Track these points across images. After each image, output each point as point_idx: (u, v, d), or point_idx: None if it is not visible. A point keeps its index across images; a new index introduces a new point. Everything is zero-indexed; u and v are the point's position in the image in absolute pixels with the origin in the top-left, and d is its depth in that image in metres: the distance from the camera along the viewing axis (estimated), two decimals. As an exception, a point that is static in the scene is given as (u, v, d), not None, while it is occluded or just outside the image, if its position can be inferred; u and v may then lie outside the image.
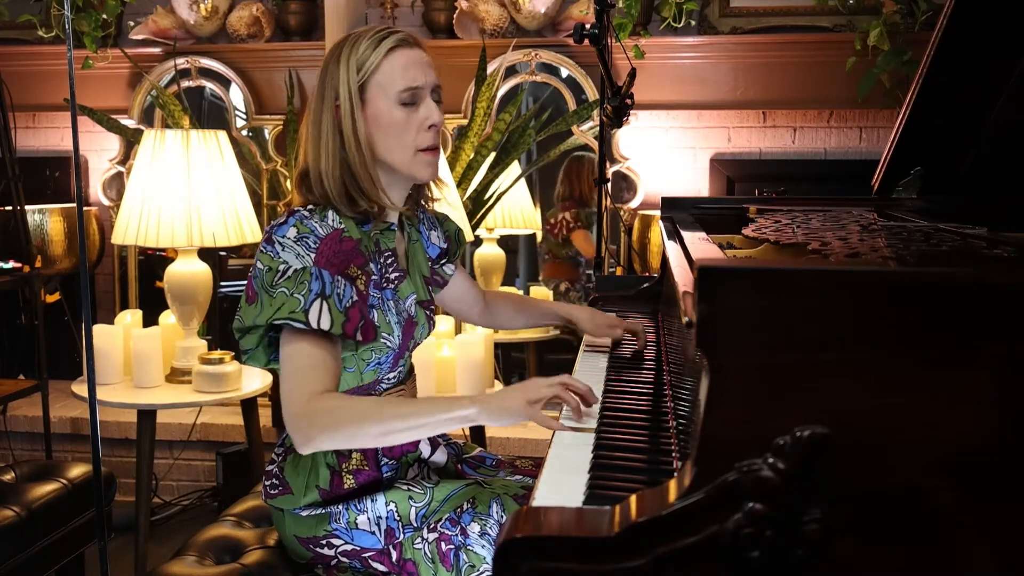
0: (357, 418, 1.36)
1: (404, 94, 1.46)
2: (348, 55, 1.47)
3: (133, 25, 3.49)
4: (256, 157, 3.45)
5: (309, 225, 1.43)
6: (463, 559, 1.41)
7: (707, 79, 3.20)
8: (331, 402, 1.37)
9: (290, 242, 1.42)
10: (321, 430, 1.35)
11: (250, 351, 1.47)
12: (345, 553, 1.50)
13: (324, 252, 1.42)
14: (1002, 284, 0.85)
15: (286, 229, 1.43)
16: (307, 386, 1.37)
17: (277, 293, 1.38)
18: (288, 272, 1.39)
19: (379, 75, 1.46)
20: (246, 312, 1.42)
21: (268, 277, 1.40)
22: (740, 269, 0.89)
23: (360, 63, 1.46)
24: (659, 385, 1.60)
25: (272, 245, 1.42)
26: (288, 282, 1.39)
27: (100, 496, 1.99)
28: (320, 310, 1.38)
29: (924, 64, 1.86)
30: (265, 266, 1.41)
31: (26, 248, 3.08)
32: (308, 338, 1.39)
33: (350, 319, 1.41)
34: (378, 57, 1.46)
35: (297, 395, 1.37)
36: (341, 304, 1.41)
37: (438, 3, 3.34)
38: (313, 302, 1.38)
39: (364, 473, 1.52)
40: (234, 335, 1.47)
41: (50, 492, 2.08)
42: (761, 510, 0.81)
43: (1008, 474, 0.85)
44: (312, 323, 1.37)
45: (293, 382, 1.38)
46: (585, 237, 3.62)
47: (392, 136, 1.48)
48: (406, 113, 1.47)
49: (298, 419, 1.36)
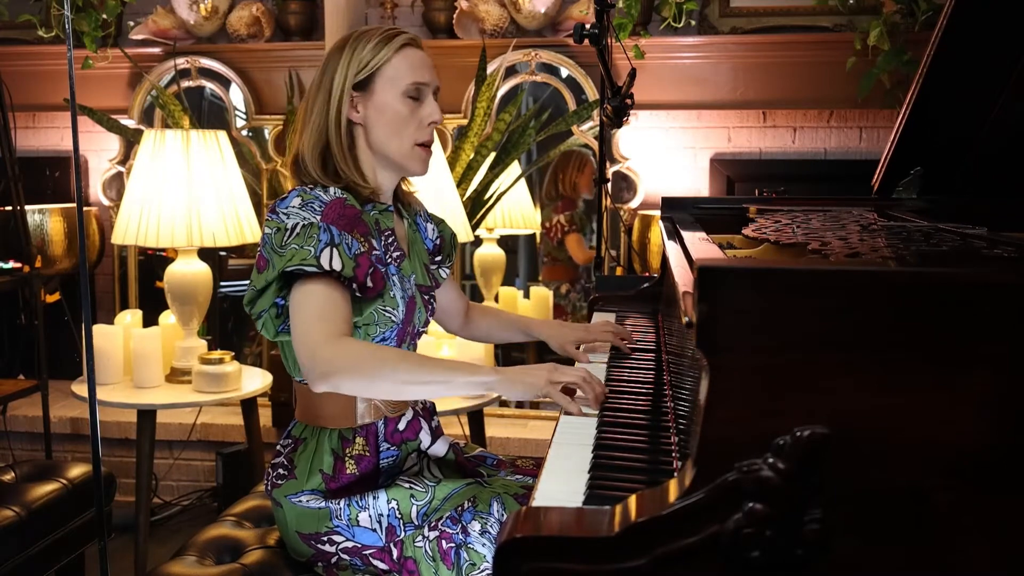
0: (379, 362, 1.39)
1: (412, 88, 1.54)
2: (353, 49, 1.54)
3: (133, 25, 3.49)
4: (256, 157, 3.45)
5: (313, 194, 1.50)
6: (464, 557, 1.41)
7: (707, 79, 3.20)
8: (354, 344, 1.41)
9: (295, 209, 1.47)
10: (342, 366, 1.37)
11: (263, 316, 1.48)
12: (346, 550, 1.50)
13: (330, 214, 1.47)
14: (1002, 284, 0.85)
15: (289, 201, 1.49)
16: (325, 327, 1.39)
17: (288, 249, 1.42)
18: (296, 229, 1.44)
19: (389, 68, 1.54)
20: (257, 278, 1.45)
21: (277, 238, 1.44)
22: (740, 269, 0.89)
23: (369, 57, 1.53)
24: (659, 385, 1.60)
25: (277, 215, 1.48)
26: (297, 238, 1.43)
27: (100, 496, 1.99)
28: (331, 255, 1.42)
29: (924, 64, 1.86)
30: (273, 230, 1.45)
31: (26, 248, 3.08)
32: (321, 282, 1.42)
33: (359, 264, 1.46)
34: (390, 52, 1.53)
35: (316, 334, 1.39)
36: (350, 252, 1.45)
37: (438, 3, 3.34)
38: (323, 249, 1.42)
39: (365, 460, 1.54)
40: (245, 308, 1.50)
41: (50, 492, 2.08)
42: (761, 510, 0.81)
43: (1008, 474, 0.85)
44: (324, 265, 1.41)
45: (309, 323, 1.40)
46: (578, 242, 3.61)
47: (394, 127, 1.55)
48: (411, 107, 1.55)
49: (317, 357, 1.37)
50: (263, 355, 3.51)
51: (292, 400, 1.63)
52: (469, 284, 3.59)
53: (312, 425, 1.58)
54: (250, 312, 1.49)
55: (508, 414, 3.31)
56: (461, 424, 2.98)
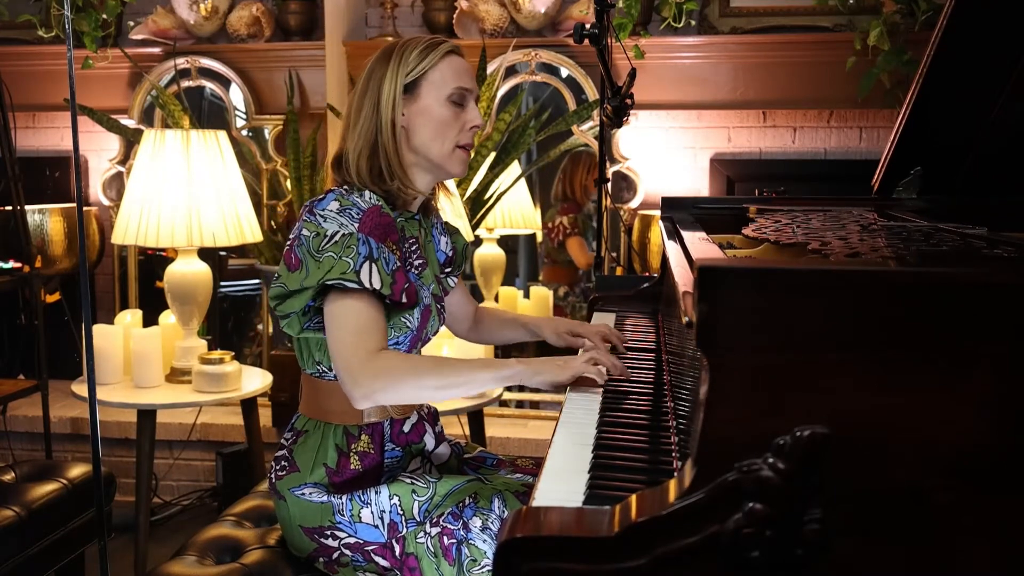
0: (418, 373, 1.46)
1: (456, 94, 1.59)
2: (400, 56, 1.58)
3: (133, 25, 3.49)
4: (256, 157, 3.45)
5: (350, 199, 1.53)
6: (465, 553, 1.42)
7: (707, 79, 3.20)
8: (392, 358, 1.47)
9: (332, 213, 1.50)
10: (384, 383, 1.44)
11: (291, 316, 1.51)
12: (348, 546, 1.51)
13: (367, 222, 1.50)
14: (1002, 284, 0.85)
15: (327, 203, 1.52)
16: (365, 343, 1.45)
17: (324, 257, 1.45)
18: (335, 237, 1.47)
19: (434, 73, 1.58)
20: (289, 278, 1.48)
21: (314, 243, 1.47)
22: (740, 269, 0.89)
23: (416, 62, 1.57)
24: (659, 385, 1.60)
25: (314, 216, 1.51)
26: (335, 246, 1.46)
27: (100, 496, 1.99)
28: (371, 271, 1.46)
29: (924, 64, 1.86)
30: (311, 232, 1.48)
31: (26, 248, 3.08)
32: (359, 298, 1.46)
33: (396, 281, 1.51)
34: (435, 58, 1.58)
35: (356, 352, 1.45)
36: (388, 267, 1.50)
37: (438, 3, 3.34)
38: (363, 264, 1.46)
39: (370, 457, 1.57)
40: (270, 303, 1.54)
41: (50, 492, 2.08)
42: (761, 510, 0.81)
43: (1008, 474, 0.85)
44: (364, 283, 1.45)
45: (349, 341, 1.45)
46: (579, 244, 3.60)
47: (437, 130, 1.58)
48: (454, 112, 1.59)
49: (359, 375, 1.44)
50: (263, 355, 3.51)
51: (297, 393, 1.64)
52: (469, 284, 3.59)
53: (317, 419, 1.59)
54: (276, 308, 1.52)
55: (508, 414, 3.31)
56: (461, 424, 2.97)
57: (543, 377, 1.51)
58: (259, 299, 3.57)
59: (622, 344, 1.83)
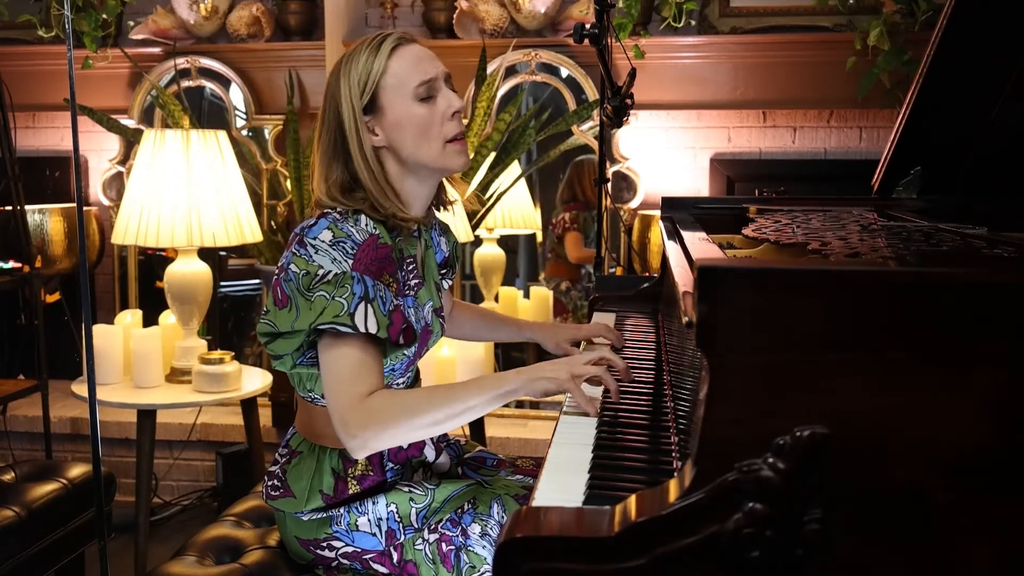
0: (409, 413, 1.34)
1: (420, 89, 1.45)
2: (347, 73, 1.45)
3: (133, 25, 3.49)
4: (256, 157, 3.45)
5: (345, 229, 1.40)
6: (464, 560, 1.41)
7: (707, 79, 3.20)
8: (381, 402, 1.35)
9: (325, 245, 1.38)
10: (376, 431, 1.33)
11: (283, 357, 1.42)
12: (346, 555, 1.50)
13: (362, 259, 1.39)
14: (1002, 284, 0.85)
15: (318, 231, 1.40)
16: (355, 391, 1.35)
17: (316, 297, 1.35)
18: (327, 276, 1.36)
19: (388, 78, 1.45)
20: (279, 317, 1.38)
21: (305, 281, 1.36)
22: (740, 269, 0.89)
23: (364, 74, 1.44)
24: (659, 385, 1.60)
25: (304, 248, 1.39)
26: (327, 286, 1.35)
27: (100, 496, 1.99)
28: (366, 313, 1.35)
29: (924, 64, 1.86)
30: (301, 270, 1.37)
31: (26, 248, 3.08)
32: (351, 342, 1.36)
33: (393, 323, 1.40)
34: (382, 62, 1.44)
35: (346, 401, 1.34)
36: (384, 308, 1.39)
37: (438, 3, 3.34)
38: (358, 306, 1.35)
39: (369, 478, 1.51)
40: (259, 339, 1.44)
41: (50, 492, 2.08)
42: (761, 510, 0.81)
43: (1008, 474, 0.85)
44: (359, 327, 1.34)
45: (340, 388, 1.35)
46: (575, 240, 3.60)
47: (419, 134, 1.46)
48: (427, 108, 1.46)
49: (350, 425, 1.34)
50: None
51: (293, 406, 1.61)
52: (469, 284, 3.59)
53: (312, 441, 1.53)
54: (266, 346, 1.43)
55: (508, 414, 3.31)
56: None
57: (540, 390, 1.38)
58: (259, 299, 3.57)
59: (622, 343, 1.83)
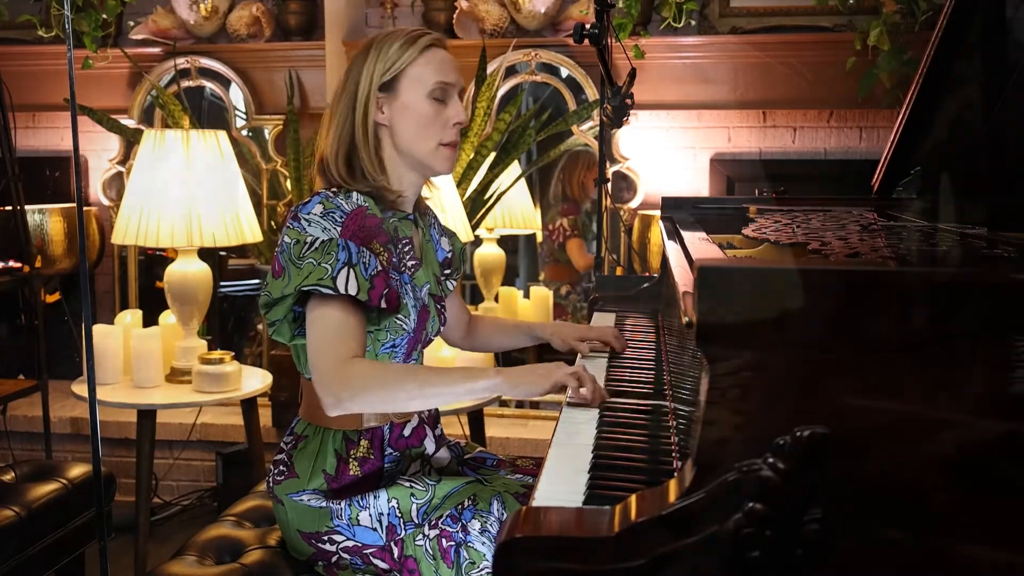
0: (388, 382, 1.41)
1: (437, 89, 1.54)
2: (378, 51, 1.54)
3: (133, 25, 3.49)
4: (256, 157, 3.45)
5: (335, 202, 1.49)
6: (464, 556, 1.42)
7: (707, 79, 3.20)
8: (362, 367, 1.42)
9: (316, 217, 1.47)
10: (353, 392, 1.40)
11: (277, 323, 1.50)
12: (346, 549, 1.51)
13: (350, 226, 1.47)
14: (1002, 284, 0.85)
15: (311, 206, 1.48)
16: (337, 350, 1.42)
17: (305, 264, 1.43)
18: (315, 244, 1.44)
19: (414, 69, 1.54)
20: (273, 285, 1.46)
21: (295, 250, 1.44)
22: (740, 269, 0.89)
23: (394, 58, 1.53)
24: (659, 385, 1.60)
25: (298, 221, 1.47)
26: (315, 253, 1.43)
27: (100, 496, 1.99)
28: (347, 277, 1.43)
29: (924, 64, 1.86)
30: (292, 239, 1.45)
31: (26, 248, 3.08)
32: (336, 304, 1.43)
33: (375, 287, 1.46)
34: (415, 53, 1.53)
35: (327, 359, 1.42)
36: (366, 272, 1.46)
37: (438, 3, 3.34)
38: (340, 270, 1.43)
39: (369, 462, 1.54)
40: (260, 311, 1.52)
41: (50, 492, 2.08)
42: (761, 510, 0.81)
43: (1008, 474, 0.84)
44: (340, 288, 1.41)
45: (323, 347, 1.43)
46: (579, 247, 3.60)
47: (420, 127, 1.54)
48: (436, 108, 1.55)
49: (329, 382, 1.41)
50: (263, 355, 3.51)
51: (298, 396, 1.63)
52: (469, 284, 3.59)
53: (317, 424, 1.57)
54: (265, 316, 1.51)
55: (508, 414, 3.31)
56: (461, 424, 2.97)
57: (522, 389, 1.45)
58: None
59: (625, 348, 1.83)
